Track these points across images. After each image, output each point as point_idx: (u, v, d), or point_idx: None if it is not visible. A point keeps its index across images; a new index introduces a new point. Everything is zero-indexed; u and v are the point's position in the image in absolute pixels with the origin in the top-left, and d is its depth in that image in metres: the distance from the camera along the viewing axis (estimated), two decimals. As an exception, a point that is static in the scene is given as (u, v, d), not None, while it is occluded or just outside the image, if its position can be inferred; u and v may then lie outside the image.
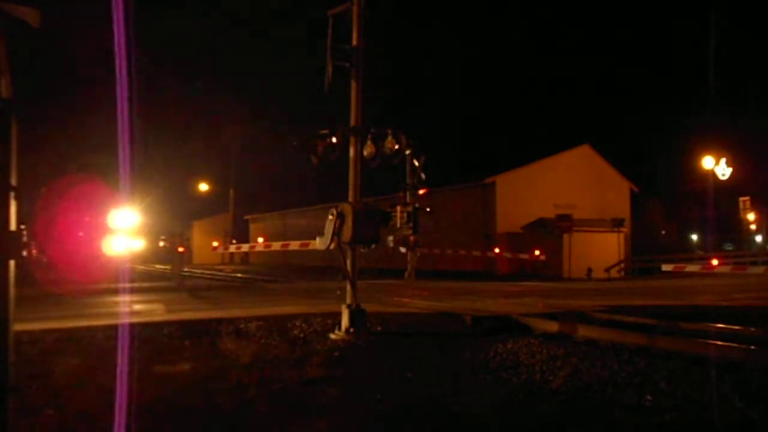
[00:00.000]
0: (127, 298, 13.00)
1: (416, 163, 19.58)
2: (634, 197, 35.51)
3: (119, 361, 6.38)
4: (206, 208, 54.10)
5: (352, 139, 8.41)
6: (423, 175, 19.39)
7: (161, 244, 22.53)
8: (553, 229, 27.29)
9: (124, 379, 5.65)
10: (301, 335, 7.94)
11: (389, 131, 8.50)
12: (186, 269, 21.98)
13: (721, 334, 7.59)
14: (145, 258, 26.47)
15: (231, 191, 50.72)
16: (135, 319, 8.83)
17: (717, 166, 29.99)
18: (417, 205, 11.48)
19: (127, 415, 4.61)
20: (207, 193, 54.09)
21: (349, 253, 8.23)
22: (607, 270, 27.14)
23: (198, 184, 53.32)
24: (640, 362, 6.14)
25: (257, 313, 9.49)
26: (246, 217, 54.33)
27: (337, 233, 7.91)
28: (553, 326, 8.37)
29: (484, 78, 73.21)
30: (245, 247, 31.72)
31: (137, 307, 11.14)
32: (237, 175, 50.65)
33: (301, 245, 13.95)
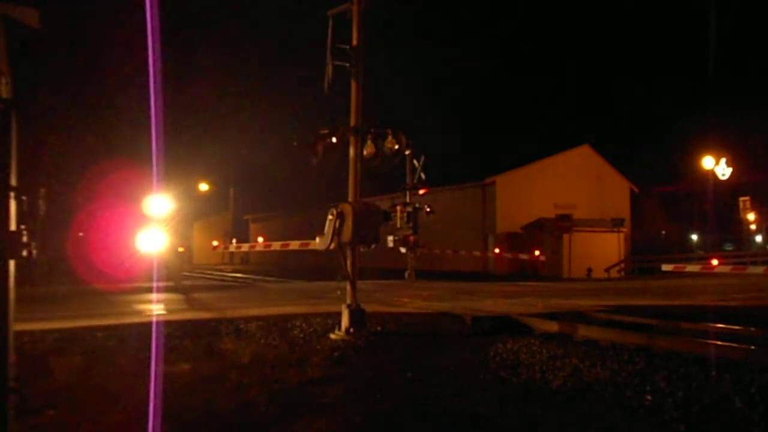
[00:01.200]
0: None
1: (416, 163, 19.65)
2: (634, 197, 35.49)
3: (119, 361, 6.39)
4: (206, 208, 54.00)
5: (352, 139, 8.40)
6: (423, 175, 19.44)
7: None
8: (553, 229, 27.28)
9: (124, 380, 5.65)
10: (301, 335, 7.94)
11: (389, 131, 8.50)
12: (186, 269, 21.98)
13: (721, 334, 7.59)
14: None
15: (231, 191, 50.71)
16: (135, 320, 8.83)
17: (717, 166, 29.98)
18: (417, 205, 11.50)
19: (126, 415, 4.62)
20: (207, 193, 54.01)
21: (349, 253, 8.23)
22: (607, 270, 27.13)
23: (198, 183, 53.23)
24: (640, 362, 6.14)
25: (257, 313, 9.49)
26: (246, 217, 54.29)
27: (337, 233, 7.91)
28: (553, 326, 8.37)
29: (484, 78, 73.23)
30: (245, 247, 31.70)
31: (137, 307, 11.14)
32: (237, 175, 50.61)
33: (301, 245, 13.92)
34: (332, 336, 7.84)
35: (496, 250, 28.39)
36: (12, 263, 2.55)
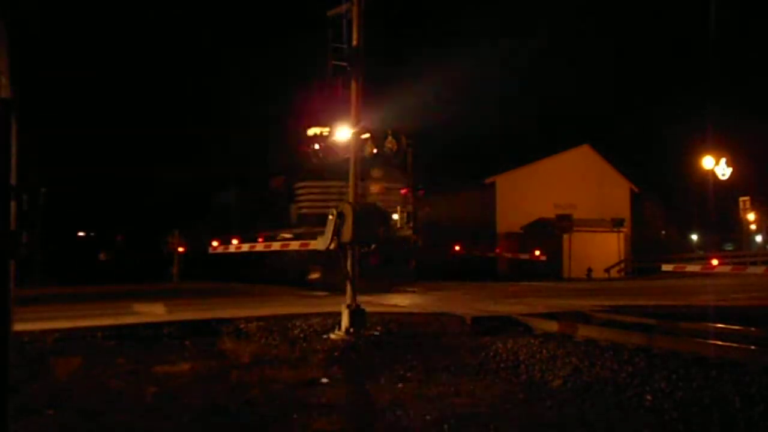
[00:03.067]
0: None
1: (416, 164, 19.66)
2: (634, 197, 35.46)
3: (118, 361, 6.39)
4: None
5: (352, 139, 8.40)
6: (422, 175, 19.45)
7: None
8: (553, 229, 27.28)
9: (123, 380, 5.65)
10: (301, 335, 7.94)
11: (389, 131, 8.51)
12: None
13: (721, 334, 7.59)
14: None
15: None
16: (135, 320, 8.83)
17: (717, 166, 29.93)
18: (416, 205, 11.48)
19: (126, 415, 4.62)
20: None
21: (349, 253, 8.23)
22: (607, 270, 27.13)
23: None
24: (640, 362, 6.14)
25: (257, 313, 9.48)
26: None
27: (337, 233, 7.91)
28: (553, 326, 8.37)
29: (483, 77, 73.18)
30: (245, 247, 31.59)
31: (137, 307, 11.12)
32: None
33: (301, 245, 13.93)
34: (332, 336, 7.84)
35: (496, 250, 28.37)
36: (12, 263, 2.54)
